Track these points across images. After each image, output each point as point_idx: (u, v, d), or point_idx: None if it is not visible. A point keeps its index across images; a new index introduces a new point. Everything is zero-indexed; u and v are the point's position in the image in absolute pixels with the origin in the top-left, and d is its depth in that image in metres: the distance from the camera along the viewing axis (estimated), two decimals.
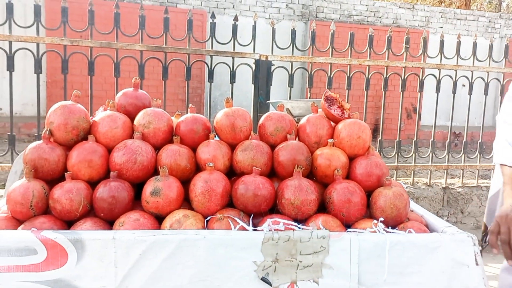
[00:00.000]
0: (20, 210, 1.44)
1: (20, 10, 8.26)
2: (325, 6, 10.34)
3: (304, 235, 1.36)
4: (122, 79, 3.71)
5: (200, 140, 1.67)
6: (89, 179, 1.52)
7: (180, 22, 8.62)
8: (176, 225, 1.41)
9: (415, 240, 1.40)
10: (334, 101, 1.80)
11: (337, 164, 1.59)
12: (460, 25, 11.30)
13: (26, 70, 7.99)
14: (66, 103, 1.61)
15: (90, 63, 3.61)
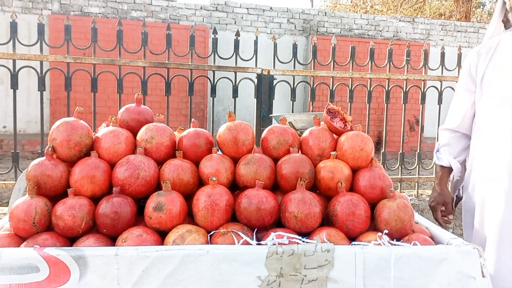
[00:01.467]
0: (23, 227, 1.44)
1: (24, 28, 8.37)
2: (326, 21, 10.43)
3: (309, 248, 1.35)
4: (125, 95, 3.74)
5: (203, 154, 1.67)
6: (91, 195, 1.52)
7: (182, 38, 8.70)
8: (179, 240, 1.40)
9: (421, 253, 1.39)
10: (336, 114, 1.80)
11: (340, 176, 1.59)
12: (460, 37, 11.36)
13: (30, 88, 8.07)
14: (69, 120, 1.61)
15: (93, 80, 3.64)
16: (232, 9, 9.79)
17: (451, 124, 2.07)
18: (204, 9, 9.62)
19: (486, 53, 1.90)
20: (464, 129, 2.03)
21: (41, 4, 8.65)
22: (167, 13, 9.36)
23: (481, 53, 1.93)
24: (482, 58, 1.91)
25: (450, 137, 2.08)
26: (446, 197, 2.00)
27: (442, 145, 2.09)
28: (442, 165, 2.05)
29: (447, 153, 2.05)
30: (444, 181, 2.04)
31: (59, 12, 8.72)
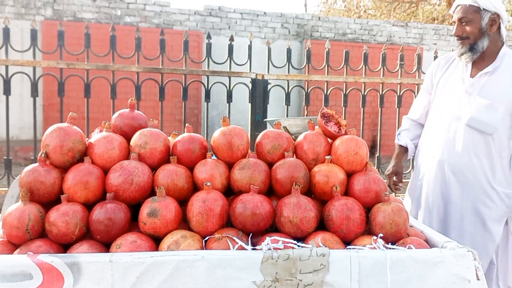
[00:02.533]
0: (16, 234, 1.42)
1: (17, 34, 8.34)
2: (320, 25, 10.48)
3: (304, 253, 1.35)
4: (119, 101, 3.73)
5: (197, 159, 1.66)
6: (85, 201, 1.51)
7: (176, 43, 8.70)
8: (173, 246, 1.39)
9: (416, 256, 1.39)
10: (330, 118, 1.80)
11: (335, 180, 1.59)
12: (453, 41, 11.44)
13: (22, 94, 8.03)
14: (62, 125, 1.60)
15: (87, 85, 3.63)
16: (226, 14, 9.82)
17: (412, 115, 2.57)
18: (198, 14, 9.63)
19: (444, 64, 2.38)
20: (421, 120, 2.52)
21: (34, 10, 8.63)
22: (160, 18, 9.37)
23: (440, 63, 2.41)
24: (440, 68, 2.39)
25: (410, 124, 2.58)
26: (399, 169, 2.54)
27: (403, 130, 2.59)
28: (400, 145, 2.56)
29: (406, 136, 2.55)
30: (399, 156, 2.57)
31: (52, 18, 8.70)
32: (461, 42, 2.23)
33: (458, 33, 2.22)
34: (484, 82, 2.19)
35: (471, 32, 2.18)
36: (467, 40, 2.20)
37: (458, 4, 2.21)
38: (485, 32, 2.17)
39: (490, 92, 2.16)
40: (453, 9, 2.26)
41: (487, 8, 2.13)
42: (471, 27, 2.17)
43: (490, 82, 2.17)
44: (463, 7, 2.18)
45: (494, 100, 2.13)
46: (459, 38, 2.24)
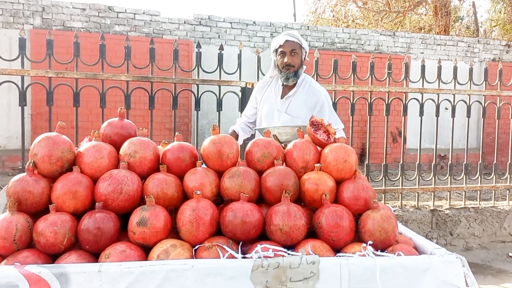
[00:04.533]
0: (3, 245, 1.41)
1: (5, 43, 8.28)
2: (309, 35, 10.56)
3: (294, 261, 1.35)
4: (108, 110, 3.71)
5: (187, 168, 1.66)
6: (74, 210, 1.50)
7: (166, 52, 8.71)
8: (163, 255, 1.38)
9: (405, 263, 1.40)
10: (319, 126, 1.81)
11: (324, 188, 1.60)
12: (440, 50, 11.61)
13: (10, 103, 7.97)
14: (50, 135, 1.59)
15: (76, 94, 3.61)
16: (216, 23, 9.85)
17: (244, 119, 3.18)
18: (187, 23, 9.65)
19: (263, 87, 3.05)
20: (249, 123, 3.17)
21: (22, 19, 8.58)
22: (150, 28, 9.37)
23: (260, 86, 3.08)
24: (260, 89, 3.07)
25: (242, 122, 3.17)
26: None
27: (238, 123, 3.15)
28: (234, 130, 3.05)
29: (239, 126, 3.10)
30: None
31: (41, 27, 8.65)
32: (288, 69, 2.82)
33: (289, 62, 2.80)
34: (289, 103, 2.89)
35: (297, 62, 2.83)
36: (293, 68, 2.82)
37: (287, 40, 2.79)
38: (303, 63, 2.89)
39: (292, 110, 2.87)
40: (281, 42, 2.80)
41: (305, 47, 2.87)
42: (297, 58, 2.83)
43: (292, 103, 2.89)
44: (292, 42, 2.80)
45: (295, 116, 2.85)
46: (287, 65, 2.81)
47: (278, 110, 2.88)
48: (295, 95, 2.88)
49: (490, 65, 4.77)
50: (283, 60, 2.81)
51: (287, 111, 2.87)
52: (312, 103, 2.88)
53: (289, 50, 2.80)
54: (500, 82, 4.74)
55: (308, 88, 2.91)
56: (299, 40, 2.82)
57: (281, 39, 2.81)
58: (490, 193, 5.89)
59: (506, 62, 11.58)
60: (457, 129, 5.16)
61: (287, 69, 2.82)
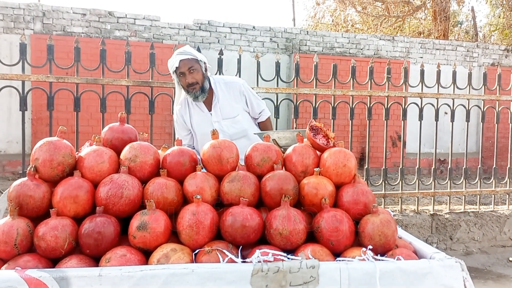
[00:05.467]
0: (4, 249, 1.41)
1: (6, 48, 8.30)
2: (308, 39, 10.60)
3: (294, 265, 1.35)
4: (109, 114, 3.72)
5: (187, 172, 1.67)
6: (74, 215, 1.50)
7: (166, 57, 8.69)
8: (163, 259, 1.39)
9: (405, 267, 1.40)
10: (319, 131, 1.82)
11: (324, 192, 1.60)
12: (439, 54, 11.64)
13: (11, 108, 7.98)
14: (52, 139, 1.60)
15: (76, 99, 3.62)
16: (216, 28, 9.89)
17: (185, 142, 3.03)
18: (187, 28, 9.69)
19: (185, 111, 2.96)
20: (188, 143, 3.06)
21: (23, 24, 8.61)
22: (150, 33, 9.40)
23: (182, 111, 2.96)
24: (183, 114, 2.96)
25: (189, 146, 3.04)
26: None
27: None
28: None
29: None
30: None
31: (42, 32, 8.68)
32: (194, 88, 2.77)
33: (191, 80, 2.74)
34: (219, 109, 2.89)
35: (199, 77, 2.77)
36: (198, 85, 2.77)
37: (181, 59, 2.71)
38: (205, 75, 2.83)
39: (226, 113, 2.90)
40: (177, 64, 2.72)
41: (201, 59, 2.80)
42: (198, 74, 2.77)
43: (222, 107, 2.90)
44: (187, 60, 2.73)
45: (232, 116, 2.90)
46: (190, 84, 2.75)
47: (215, 121, 2.89)
48: (219, 100, 2.90)
49: (489, 69, 4.79)
50: (185, 81, 2.76)
51: (223, 117, 2.90)
52: (238, 95, 2.94)
53: (187, 69, 2.73)
54: (499, 86, 4.75)
55: (224, 85, 2.94)
56: (193, 55, 2.77)
57: (176, 60, 2.75)
58: (489, 198, 5.89)
59: (505, 66, 11.60)
60: (456, 134, 5.18)
61: (192, 88, 2.78)
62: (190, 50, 2.80)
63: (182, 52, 2.76)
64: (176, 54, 2.77)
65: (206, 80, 2.84)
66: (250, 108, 3.02)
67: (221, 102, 2.90)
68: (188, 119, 2.96)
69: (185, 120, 2.97)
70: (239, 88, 2.94)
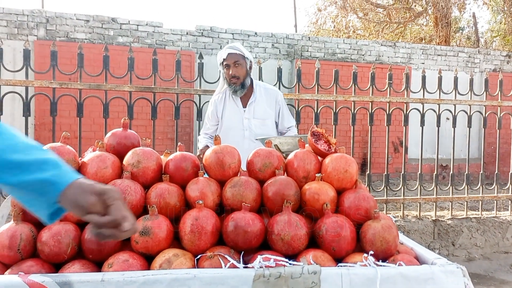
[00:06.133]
0: (7, 254, 1.42)
1: (10, 54, 8.35)
2: (310, 45, 10.63)
3: (295, 271, 1.36)
4: (111, 120, 3.74)
5: (189, 177, 1.68)
6: (77, 220, 1.51)
7: (168, 63, 8.77)
8: (165, 264, 1.39)
9: (406, 273, 1.40)
10: (320, 136, 1.83)
11: (325, 198, 1.61)
12: (441, 60, 11.66)
13: (14, 114, 8.01)
14: (55, 145, 1.62)
15: (79, 104, 3.64)
16: (218, 34, 9.93)
17: (207, 131, 3.29)
18: (190, 34, 9.74)
19: (219, 102, 3.19)
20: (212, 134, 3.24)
21: (27, 30, 8.67)
22: (153, 39, 9.45)
23: (217, 102, 3.19)
24: (217, 105, 3.19)
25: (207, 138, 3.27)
26: None
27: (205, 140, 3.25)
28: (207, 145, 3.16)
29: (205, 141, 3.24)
30: None
31: (45, 38, 8.74)
32: (235, 82, 3.02)
33: (234, 73, 2.99)
34: (253, 108, 3.10)
35: (242, 73, 3.02)
36: (238, 79, 3.02)
37: (229, 53, 2.98)
38: (248, 73, 3.07)
39: (259, 114, 3.10)
40: (224, 56, 2.99)
41: (248, 57, 3.05)
42: (242, 69, 3.02)
43: (256, 107, 3.10)
44: (235, 55, 2.99)
45: (263, 118, 3.10)
46: (232, 77, 3.01)
47: (246, 118, 3.10)
48: (256, 100, 3.12)
49: (491, 75, 4.80)
50: (229, 72, 3.02)
51: (255, 116, 3.10)
52: (273, 103, 3.15)
53: (232, 62, 2.99)
54: (501, 92, 4.76)
55: (264, 91, 3.17)
56: (241, 51, 3.01)
57: (224, 53, 3.01)
58: (492, 203, 5.88)
59: (506, 72, 11.61)
60: (458, 139, 5.17)
61: (233, 82, 3.03)
62: (240, 46, 3.04)
63: (231, 47, 3.02)
64: (226, 48, 3.03)
65: (248, 77, 3.07)
66: (280, 119, 3.20)
67: (257, 102, 3.11)
68: (220, 110, 3.16)
69: (217, 110, 3.17)
70: (276, 97, 3.17)
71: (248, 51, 3.65)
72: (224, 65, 3.03)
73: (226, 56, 2.99)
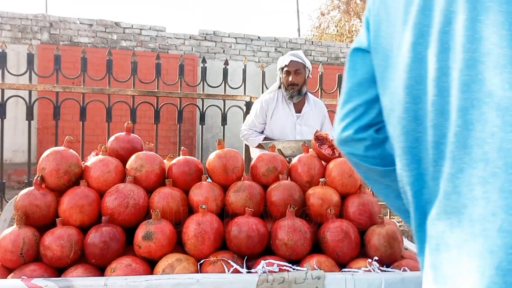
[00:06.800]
0: (10, 258, 1.42)
1: (13, 58, 8.38)
2: (313, 50, 10.64)
3: (299, 276, 1.35)
4: (114, 124, 3.74)
5: (192, 182, 1.67)
6: (80, 224, 1.51)
7: (171, 67, 8.79)
8: (168, 269, 1.39)
9: (411, 279, 1.39)
10: (324, 141, 1.82)
11: (329, 203, 1.60)
12: None
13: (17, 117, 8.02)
14: (58, 149, 1.61)
15: (82, 108, 3.65)
16: (221, 38, 9.95)
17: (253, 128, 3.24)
18: (193, 38, 9.76)
19: (270, 103, 3.18)
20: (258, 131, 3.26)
21: (30, 34, 8.71)
22: (156, 43, 9.48)
23: (267, 102, 3.19)
24: (268, 104, 3.18)
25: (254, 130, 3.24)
26: None
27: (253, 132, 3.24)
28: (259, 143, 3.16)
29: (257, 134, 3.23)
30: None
31: (49, 42, 8.77)
32: (292, 88, 3.08)
33: (293, 81, 3.06)
34: (305, 116, 3.17)
35: (301, 81, 3.09)
36: (297, 86, 3.08)
37: (292, 60, 3.05)
38: (306, 82, 3.15)
39: (310, 122, 3.16)
40: (286, 62, 3.06)
41: (308, 66, 3.13)
42: (301, 78, 3.08)
43: (308, 116, 3.18)
44: (297, 63, 3.06)
45: (312, 126, 3.06)
46: (291, 84, 3.07)
47: (299, 124, 3.15)
48: (310, 109, 3.21)
49: None
50: (288, 79, 3.07)
51: (307, 123, 3.16)
52: (321, 115, 3.26)
53: (294, 69, 3.06)
54: None
55: (314, 102, 3.27)
56: (303, 60, 3.09)
57: (287, 59, 3.06)
58: None
59: None
60: None
61: (291, 88, 3.08)
62: (302, 55, 3.13)
63: (294, 54, 3.10)
64: (289, 54, 3.11)
65: (305, 86, 3.17)
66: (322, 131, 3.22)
67: (309, 112, 3.21)
68: (271, 111, 3.18)
69: (268, 109, 3.19)
70: (323, 111, 3.30)
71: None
72: (285, 71, 3.10)
73: (288, 63, 3.06)
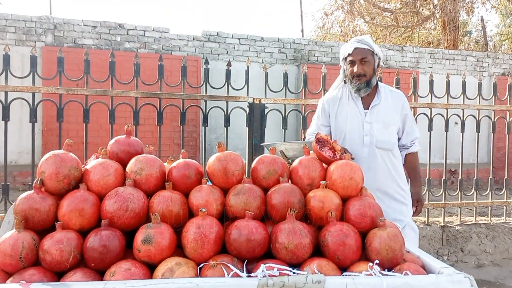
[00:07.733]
0: (9, 262, 1.41)
1: (17, 60, 8.42)
2: (317, 50, 10.62)
3: (299, 280, 1.34)
4: (118, 125, 3.74)
5: (192, 185, 1.66)
6: (80, 228, 1.51)
7: (175, 69, 8.80)
8: (168, 273, 1.38)
9: (412, 282, 1.38)
10: (325, 143, 1.81)
11: (330, 206, 1.59)
12: (449, 64, 11.59)
13: (22, 119, 8.06)
14: (58, 152, 1.61)
15: (86, 110, 3.65)
16: (224, 39, 9.96)
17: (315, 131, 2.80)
18: (196, 39, 9.77)
19: (334, 102, 2.77)
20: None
21: (34, 36, 8.75)
22: (159, 44, 9.49)
23: (330, 102, 2.79)
24: (331, 105, 2.78)
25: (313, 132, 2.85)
26: None
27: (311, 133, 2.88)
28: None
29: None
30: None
31: (53, 44, 8.81)
32: (359, 79, 2.60)
33: (359, 71, 2.59)
34: (376, 111, 2.67)
35: (369, 70, 2.61)
36: (364, 77, 2.60)
37: (356, 47, 2.58)
38: (375, 71, 2.67)
39: (383, 118, 2.67)
40: (350, 51, 2.60)
41: (378, 53, 2.64)
42: (369, 67, 2.60)
43: (381, 111, 2.67)
44: (363, 50, 2.58)
45: (388, 123, 2.67)
46: (357, 75, 2.60)
47: (367, 122, 2.66)
48: (381, 102, 2.68)
49: (500, 79, 4.75)
50: (353, 70, 2.61)
51: (378, 120, 2.66)
52: (399, 106, 2.72)
53: (359, 58, 2.58)
54: (510, 96, 4.70)
55: (389, 92, 2.74)
56: (370, 46, 2.59)
57: (350, 47, 2.61)
58: (501, 209, 5.80)
59: None
60: (467, 144, 5.12)
61: (358, 79, 2.60)
62: (369, 40, 2.62)
63: (359, 40, 2.61)
64: (352, 41, 2.63)
65: (374, 76, 2.67)
66: (404, 129, 2.78)
67: (382, 105, 2.68)
68: (334, 110, 2.76)
69: (331, 109, 2.78)
70: (403, 102, 2.75)
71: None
72: (348, 61, 2.63)
73: (352, 51, 2.58)
